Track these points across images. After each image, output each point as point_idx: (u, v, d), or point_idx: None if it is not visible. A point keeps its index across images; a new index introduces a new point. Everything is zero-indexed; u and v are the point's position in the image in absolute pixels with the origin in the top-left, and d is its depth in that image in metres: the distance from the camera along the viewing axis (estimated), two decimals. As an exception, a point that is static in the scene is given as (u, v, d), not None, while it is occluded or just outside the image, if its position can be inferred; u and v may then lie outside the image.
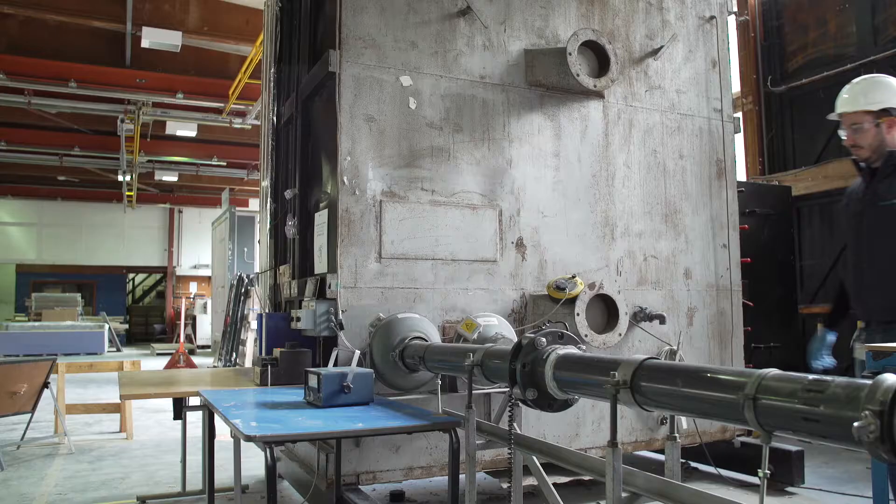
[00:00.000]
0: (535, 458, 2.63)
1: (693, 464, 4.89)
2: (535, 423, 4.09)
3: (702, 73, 5.08)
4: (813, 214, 8.19)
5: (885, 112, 3.05)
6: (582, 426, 4.33)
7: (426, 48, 4.16)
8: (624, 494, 1.97)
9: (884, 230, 3.06)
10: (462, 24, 4.28)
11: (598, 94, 4.61)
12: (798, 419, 1.49)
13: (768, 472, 1.60)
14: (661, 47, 4.87)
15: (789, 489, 4.70)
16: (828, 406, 1.42)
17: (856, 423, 1.32)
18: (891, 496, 2.94)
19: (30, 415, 6.19)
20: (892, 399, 1.31)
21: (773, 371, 1.61)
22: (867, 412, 1.31)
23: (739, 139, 7.42)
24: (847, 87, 3.24)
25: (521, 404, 2.58)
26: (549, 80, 4.44)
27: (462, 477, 3.26)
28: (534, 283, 4.33)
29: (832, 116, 3.33)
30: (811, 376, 1.52)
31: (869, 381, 1.37)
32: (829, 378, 1.47)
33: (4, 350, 15.05)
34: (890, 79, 3.19)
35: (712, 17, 5.16)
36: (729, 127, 5.15)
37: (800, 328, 7.57)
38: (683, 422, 4.62)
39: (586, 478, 4.28)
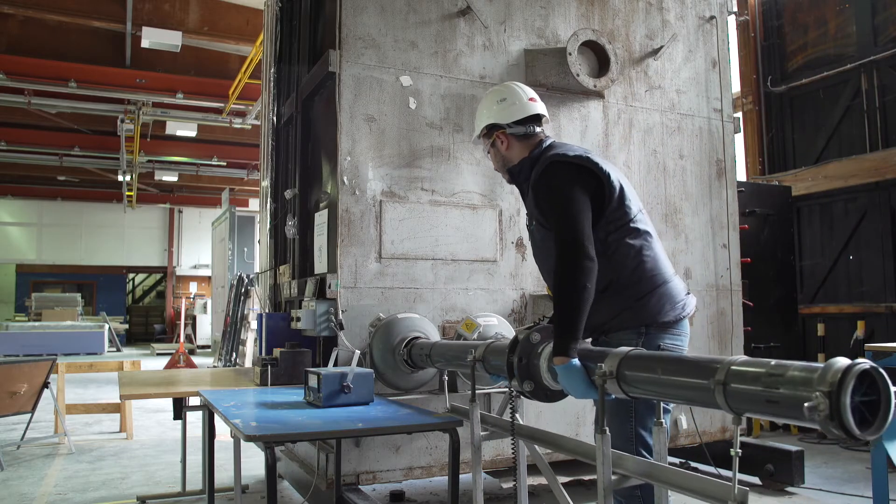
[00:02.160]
0: (537, 447, 2.69)
1: (693, 464, 4.89)
2: (535, 423, 4.08)
3: (702, 73, 5.08)
4: (813, 214, 8.19)
5: (492, 128, 2.79)
6: (582, 426, 4.33)
7: (426, 48, 4.16)
8: (613, 477, 2.09)
9: (538, 253, 2.82)
10: (462, 24, 4.28)
11: (598, 94, 4.61)
12: (762, 402, 1.60)
13: (739, 451, 1.70)
14: (661, 47, 4.87)
15: (789, 489, 4.71)
16: (786, 388, 1.54)
17: (806, 404, 1.43)
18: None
19: (30, 415, 6.19)
20: (840, 379, 1.41)
21: (742, 357, 1.73)
22: (818, 393, 1.42)
23: (739, 139, 7.43)
24: None
25: (521, 399, 2.66)
26: (549, 80, 4.43)
27: (463, 477, 3.26)
28: (534, 283, 4.32)
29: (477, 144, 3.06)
30: (773, 361, 1.62)
31: (822, 365, 1.47)
32: (789, 363, 1.57)
33: (4, 350, 15.05)
34: (489, 93, 2.93)
35: (712, 17, 5.16)
36: (729, 127, 5.15)
37: (800, 328, 7.57)
38: (683, 422, 4.62)
39: (586, 478, 4.28)
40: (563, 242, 2.43)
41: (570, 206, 2.48)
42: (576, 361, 2.24)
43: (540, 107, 2.81)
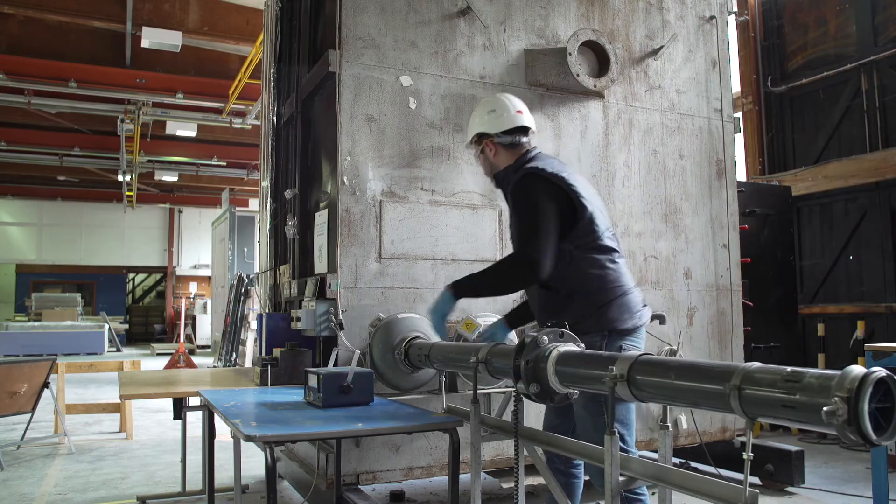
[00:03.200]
0: (536, 448, 2.69)
1: (693, 464, 4.89)
2: (535, 424, 4.08)
3: (702, 73, 5.08)
4: (813, 214, 8.19)
5: (480, 137, 3.06)
6: (582, 426, 4.32)
7: (426, 48, 4.16)
8: (621, 478, 2.10)
9: None
10: (462, 24, 4.28)
11: (598, 94, 4.61)
12: (777, 406, 1.64)
13: (752, 455, 1.74)
14: (661, 47, 4.87)
15: (789, 489, 4.71)
16: (803, 394, 1.57)
17: (825, 408, 1.46)
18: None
19: (30, 415, 6.19)
20: (858, 386, 1.45)
21: (756, 364, 1.75)
22: (836, 398, 1.47)
23: (739, 139, 7.42)
24: None
25: (523, 399, 2.66)
26: (549, 80, 4.44)
27: (463, 477, 3.26)
28: (534, 283, 4.32)
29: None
30: (789, 368, 1.65)
31: (839, 372, 1.50)
32: (804, 370, 1.61)
33: (4, 350, 15.05)
34: (480, 103, 3.22)
35: (712, 17, 5.16)
36: (729, 127, 5.15)
37: (800, 328, 7.57)
38: (683, 422, 4.62)
39: (585, 478, 4.27)
40: (525, 251, 2.73)
41: (540, 219, 2.74)
42: (455, 300, 2.86)
43: (527, 119, 3.04)
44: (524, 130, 3.02)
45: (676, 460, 4.72)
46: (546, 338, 2.45)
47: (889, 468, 3.88)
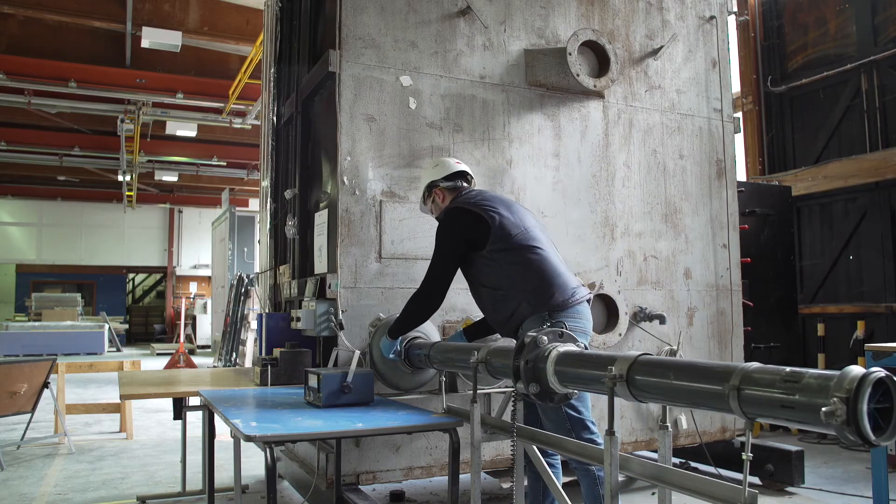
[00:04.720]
0: (535, 447, 2.69)
1: (693, 463, 4.89)
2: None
3: (702, 73, 5.08)
4: (813, 214, 8.19)
5: (431, 188, 3.55)
6: (582, 426, 4.32)
7: (426, 48, 4.16)
8: (621, 478, 2.12)
9: (468, 278, 3.46)
10: (462, 24, 4.28)
11: (598, 94, 4.61)
12: (777, 406, 1.64)
13: (751, 455, 1.74)
14: (661, 47, 4.87)
15: (789, 489, 4.71)
16: (802, 394, 1.57)
17: (824, 409, 1.46)
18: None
19: (30, 415, 6.19)
20: (857, 387, 1.45)
21: (755, 364, 1.76)
22: (835, 398, 1.47)
23: (739, 139, 7.42)
24: None
25: (521, 399, 2.69)
26: (549, 80, 4.44)
27: (463, 477, 3.26)
28: (534, 283, 4.32)
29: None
30: (788, 368, 1.65)
31: (838, 373, 1.51)
32: (803, 370, 1.61)
33: (4, 350, 15.05)
34: (426, 165, 3.76)
35: (712, 17, 5.16)
36: (729, 127, 5.15)
37: (800, 328, 7.57)
38: (683, 422, 4.62)
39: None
40: (428, 282, 3.33)
41: (437, 263, 3.32)
42: (396, 343, 3.44)
43: (463, 167, 3.59)
44: (463, 175, 3.55)
45: (676, 460, 4.72)
46: (546, 338, 2.46)
47: (889, 468, 3.88)
